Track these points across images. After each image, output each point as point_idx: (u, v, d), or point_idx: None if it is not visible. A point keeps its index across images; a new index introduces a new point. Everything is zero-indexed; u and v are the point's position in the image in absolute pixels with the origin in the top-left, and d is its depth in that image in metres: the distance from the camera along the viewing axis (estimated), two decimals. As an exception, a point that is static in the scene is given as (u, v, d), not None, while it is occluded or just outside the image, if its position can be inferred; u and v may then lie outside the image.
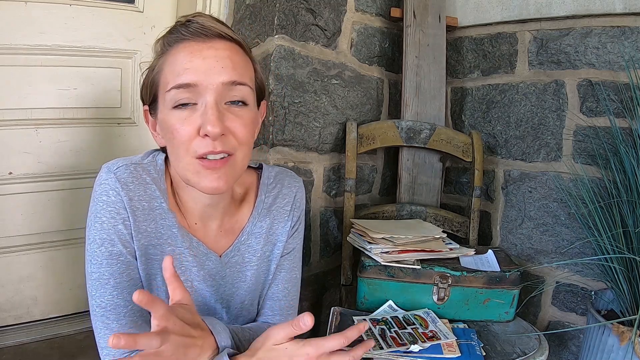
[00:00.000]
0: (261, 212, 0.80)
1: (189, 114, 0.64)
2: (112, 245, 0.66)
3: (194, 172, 0.65)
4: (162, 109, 0.67)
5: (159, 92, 0.67)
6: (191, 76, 0.63)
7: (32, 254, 1.28)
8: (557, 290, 1.47)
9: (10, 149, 1.22)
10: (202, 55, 0.64)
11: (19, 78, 1.21)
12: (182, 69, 0.63)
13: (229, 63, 0.65)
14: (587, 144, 1.39)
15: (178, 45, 0.65)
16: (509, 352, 1.06)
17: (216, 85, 0.63)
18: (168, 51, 0.66)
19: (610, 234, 1.20)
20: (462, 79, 1.69)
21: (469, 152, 1.52)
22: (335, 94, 1.46)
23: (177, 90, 0.63)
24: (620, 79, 1.33)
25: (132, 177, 0.68)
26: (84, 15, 1.28)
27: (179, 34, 0.66)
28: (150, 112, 0.71)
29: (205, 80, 0.63)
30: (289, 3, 1.30)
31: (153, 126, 0.72)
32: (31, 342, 1.25)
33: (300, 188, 0.86)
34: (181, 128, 0.63)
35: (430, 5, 1.59)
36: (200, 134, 0.63)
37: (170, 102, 0.64)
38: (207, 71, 0.63)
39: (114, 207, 0.67)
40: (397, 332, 1.04)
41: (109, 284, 0.66)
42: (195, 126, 0.63)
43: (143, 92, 0.71)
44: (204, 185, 0.65)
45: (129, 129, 1.41)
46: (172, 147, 0.66)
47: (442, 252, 1.24)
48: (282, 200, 0.82)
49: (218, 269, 0.75)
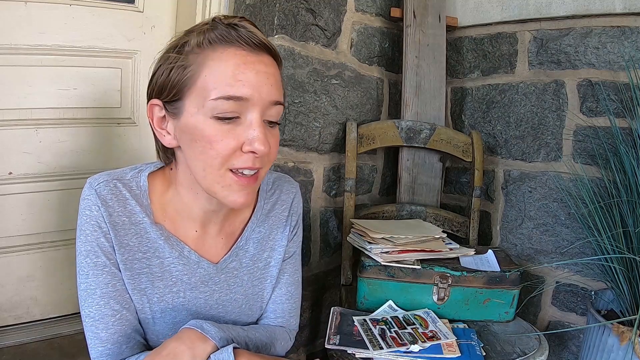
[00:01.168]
0: (260, 217, 0.80)
1: (232, 128, 0.61)
2: (97, 256, 0.66)
3: (225, 185, 0.63)
4: (193, 113, 0.62)
5: (192, 93, 0.62)
6: (244, 90, 0.60)
7: (32, 254, 1.28)
8: (557, 290, 1.47)
9: (10, 149, 1.22)
10: (255, 68, 0.61)
11: (19, 78, 1.21)
12: (233, 79, 0.60)
13: (275, 81, 0.64)
14: (587, 144, 1.39)
15: (226, 49, 0.61)
16: (509, 352, 1.06)
17: (264, 102, 0.62)
18: (209, 52, 0.61)
19: (610, 234, 1.20)
20: (462, 79, 1.69)
21: (469, 152, 1.52)
22: (335, 94, 1.46)
23: (226, 100, 0.60)
24: (620, 79, 1.33)
25: (111, 194, 0.68)
26: (84, 15, 1.27)
27: (226, 35, 0.61)
28: (166, 108, 0.65)
29: (256, 95, 0.61)
30: (289, 3, 1.30)
31: (159, 123, 0.67)
32: (31, 342, 1.25)
33: (297, 193, 0.86)
34: (223, 141, 0.61)
35: (430, 5, 1.59)
36: (243, 149, 0.62)
37: (211, 111, 0.60)
38: (259, 87, 0.61)
39: (96, 222, 0.66)
40: (397, 332, 1.04)
41: (95, 294, 0.66)
42: (238, 141, 0.61)
43: (162, 87, 0.64)
44: (232, 199, 0.64)
45: (129, 129, 1.41)
46: (201, 156, 0.62)
47: (442, 252, 1.24)
48: (280, 206, 0.82)
49: (211, 275, 0.75)
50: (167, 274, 0.71)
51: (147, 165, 0.75)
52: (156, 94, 0.66)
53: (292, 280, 0.86)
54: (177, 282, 0.72)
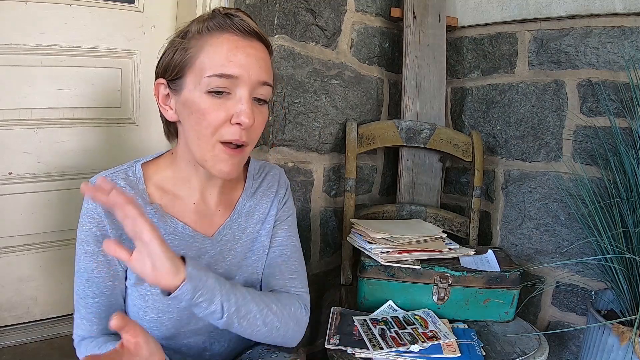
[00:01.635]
0: (249, 194, 0.88)
1: (223, 102, 0.70)
2: (87, 244, 0.74)
3: (214, 154, 0.71)
4: (191, 89, 0.70)
5: (191, 72, 0.70)
6: (235, 69, 0.69)
7: (32, 254, 1.28)
8: (557, 290, 1.47)
9: (10, 149, 1.22)
10: (245, 52, 0.70)
11: (19, 78, 1.21)
12: (226, 60, 0.69)
13: (264, 64, 0.72)
14: (587, 144, 1.39)
15: (221, 34, 0.70)
16: (509, 352, 1.06)
17: (252, 81, 0.70)
18: (207, 37, 0.70)
19: (610, 234, 1.20)
20: (462, 79, 1.69)
21: (469, 152, 1.52)
22: (335, 94, 1.46)
23: (218, 78, 0.68)
24: (620, 79, 1.33)
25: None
26: (84, 15, 1.27)
27: (222, 23, 0.71)
28: (170, 86, 0.74)
29: (245, 75, 0.69)
30: (289, 3, 1.30)
31: (164, 100, 0.76)
32: (31, 342, 1.25)
33: (282, 174, 0.95)
34: (214, 113, 0.69)
35: (430, 5, 1.59)
36: (231, 121, 0.70)
37: (205, 86, 0.69)
38: (248, 67, 0.70)
39: (90, 213, 0.74)
40: (397, 332, 1.04)
41: (82, 276, 0.75)
42: (228, 114, 0.69)
43: (167, 67, 0.73)
44: (219, 168, 0.72)
45: (129, 129, 1.41)
46: (197, 127, 0.70)
47: (442, 252, 1.24)
48: (266, 184, 0.90)
49: (207, 248, 0.80)
50: None
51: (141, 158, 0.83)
52: (161, 73, 0.75)
53: (286, 243, 0.89)
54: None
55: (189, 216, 0.80)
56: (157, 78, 0.76)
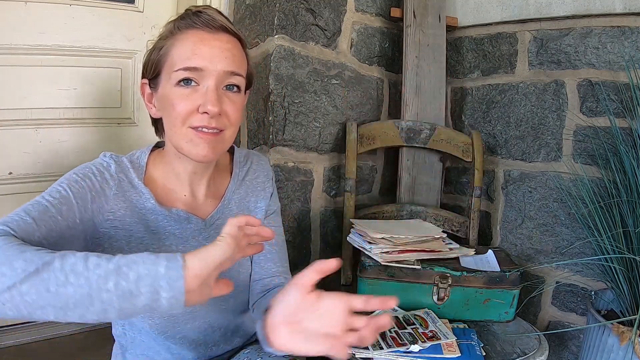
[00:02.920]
0: (237, 182, 0.90)
1: (190, 92, 0.72)
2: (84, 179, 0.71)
3: (188, 140, 0.73)
4: (164, 85, 0.74)
5: (164, 69, 0.75)
6: (198, 61, 0.71)
7: (32, 254, 1.28)
8: (557, 290, 1.47)
9: (10, 149, 1.22)
10: (209, 44, 0.73)
11: (19, 78, 1.21)
12: (191, 53, 0.72)
13: (230, 55, 0.74)
14: (587, 144, 1.39)
15: (188, 31, 0.74)
16: (509, 352, 1.06)
17: (218, 72, 0.72)
18: (177, 34, 0.74)
19: (610, 234, 1.20)
20: (462, 79, 1.69)
21: (469, 152, 1.52)
22: (335, 94, 1.46)
23: (184, 71, 0.71)
24: (620, 79, 1.33)
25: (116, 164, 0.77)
26: (84, 15, 1.27)
27: (190, 21, 0.74)
28: (150, 85, 0.79)
29: (210, 66, 0.72)
30: (289, 3, 1.30)
31: (149, 98, 0.80)
32: (31, 342, 1.25)
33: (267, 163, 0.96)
34: (182, 103, 0.72)
35: (430, 5, 1.59)
36: (199, 110, 0.72)
37: (174, 80, 0.72)
38: (212, 59, 0.72)
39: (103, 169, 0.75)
40: (397, 332, 1.04)
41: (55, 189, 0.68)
42: (195, 104, 0.72)
43: (146, 67, 0.78)
44: (195, 152, 0.73)
45: (129, 129, 1.41)
46: (169, 118, 0.74)
47: (442, 252, 1.24)
48: (252, 174, 0.92)
49: (201, 230, 0.83)
50: (160, 228, 0.79)
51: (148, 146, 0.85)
52: (144, 73, 0.80)
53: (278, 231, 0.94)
54: (169, 236, 0.79)
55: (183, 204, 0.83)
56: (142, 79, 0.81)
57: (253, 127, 1.40)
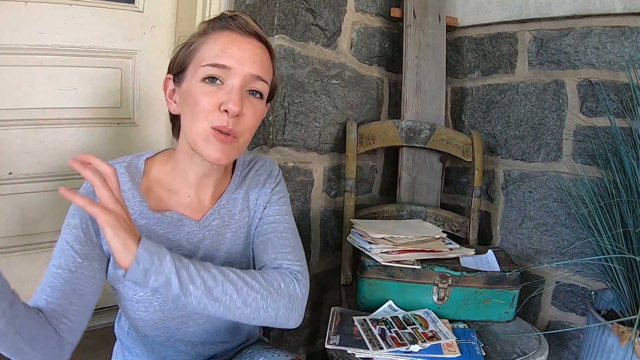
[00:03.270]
0: (236, 182, 0.89)
1: (215, 90, 0.73)
2: (73, 218, 0.75)
3: (205, 138, 0.73)
4: (189, 79, 0.75)
5: (191, 64, 0.76)
6: (228, 60, 0.73)
7: (32, 254, 1.28)
8: (557, 290, 1.47)
9: (10, 149, 1.22)
10: (240, 46, 0.74)
11: (19, 78, 1.21)
12: (221, 51, 0.73)
13: (259, 59, 0.76)
14: (587, 144, 1.39)
15: (222, 31, 0.76)
16: (509, 352, 1.06)
17: (245, 73, 0.74)
18: (210, 34, 0.76)
19: (610, 234, 1.20)
20: (462, 79, 1.69)
21: (469, 152, 1.52)
22: (335, 94, 1.46)
23: (212, 67, 0.73)
24: (620, 79, 1.33)
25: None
26: (84, 15, 1.27)
27: (224, 23, 0.76)
28: (175, 80, 0.80)
29: (238, 67, 0.73)
30: (289, 3, 1.30)
31: (170, 94, 0.81)
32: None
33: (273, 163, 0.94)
34: (205, 99, 0.72)
35: (430, 5, 1.59)
36: (220, 109, 0.72)
37: (201, 75, 0.73)
38: (241, 60, 0.73)
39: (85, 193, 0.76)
40: (397, 332, 1.04)
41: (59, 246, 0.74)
42: (218, 101, 0.72)
43: (173, 63, 0.80)
44: (208, 152, 0.73)
45: (129, 129, 1.41)
46: (191, 113, 0.74)
47: (442, 252, 1.24)
48: (254, 173, 0.91)
49: (195, 232, 0.82)
50: (152, 233, 0.78)
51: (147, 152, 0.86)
52: (170, 69, 0.81)
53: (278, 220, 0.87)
54: (162, 240, 0.79)
55: (181, 208, 0.82)
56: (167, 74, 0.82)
57: (253, 127, 1.40)
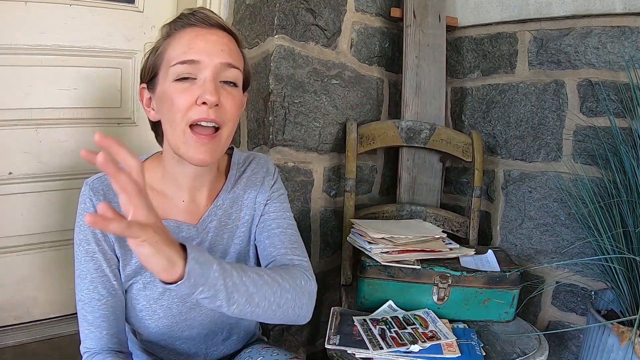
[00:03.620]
0: (232, 182, 0.88)
1: (188, 86, 0.72)
2: (88, 244, 0.74)
3: (184, 141, 0.72)
4: (162, 83, 0.74)
5: (161, 68, 0.75)
6: (195, 54, 0.72)
7: (32, 254, 1.28)
8: (557, 290, 1.47)
9: (10, 149, 1.22)
10: (205, 38, 0.74)
11: (19, 78, 1.21)
12: (187, 47, 0.72)
13: (226, 48, 0.75)
14: (587, 144, 1.39)
15: (185, 29, 0.75)
16: (509, 352, 1.06)
17: (215, 64, 0.73)
18: (174, 34, 0.75)
19: (610, 234, 1.20)
20: (462, 79, 1.69)
21: (469, 152, 1.52)
22: (335, 94, 1.46)
23: (181, 65, 0.72)
24: (620, 79, 1.33)
25: (102, 185, 0.77)
26: (84, 15, 1.27)
27: (185, 21, 0.75)
28: (149, 88, 0.79)
29: (207, 59, 0.72)
30: (289, 3, 1.30)
31: (147, 103, 0.80)
32: (31, 342, 1.25)
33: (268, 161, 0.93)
34: (180, 97, 0.71)
35: (430, 5, 1.59)
36: (197, 102, 0.71)
37: (172, 75, 0.72)
38: (209, 52, 0.73)
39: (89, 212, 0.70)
40: (397, 332, 1.04)
41: (86, 278, 0.74)
42: (194, 96, 0.71)
43: (144, 71, 0.79)
44: (191, 155, 0.72)
45: (129, 129, 1.41)
46: (169, 115, 0.73)
47: (442, 252, 1.24)
48: (251, 171, 0.90)
49: (193, 236, 0.81)
50: None
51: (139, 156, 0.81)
52: (142, 78, 0.80)
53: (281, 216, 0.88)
54: None
55: (178, 214, 0.81)
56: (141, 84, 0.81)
57: (253, 127, 1.40)
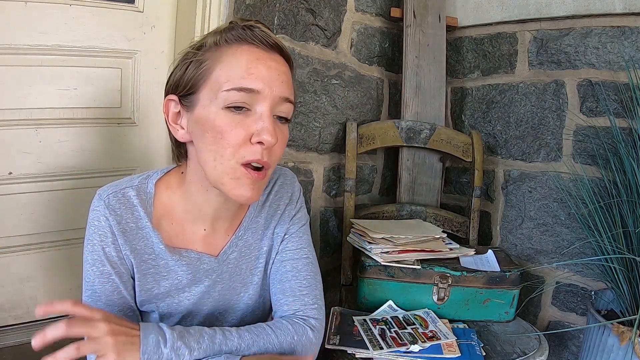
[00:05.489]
0: (257, 209, 0.81)
1: (242, 119, 0.64)
2: (103, 265, 0.69)
3: (234, 177, 0.64)
4: (206, 106, 0.64)
5: (205, 87, 0.65)
6: (255, 83, 0.63)
7: (32, 254, 1.28)
8: (557, 290, 1.47)
9: (10, 149, 1.22)
10: (266, 64, 0.65)
11: (19, 78, 1.21)
12: (246, 72, 0.63)
13: (286, 79, 0.67)
14: (587, 144, 1.39)
15: (240, 46, 0.65)
16: (509, 352, 1.06)
17: (274, 97, 0.65)
18: (225, 48, 0.65)
19: (610, 234, 1.20)
20: (462, 79, 1.69)
21: (469, 152, 1.52)
22: (335, 94, 1.46)
23: (237, 92, 0.63)
24: (620, 79, 1.33)
25: (119, 203, 0.71)
26: (84, 15, 1.27)
27: (241, 35, 0.65)
28: (182, 103, 0.68)
29: (267, 90, 0.64)
30: (289, 3, 1.30)
31: (174, 118, 0.70)
32: (31, 342, 1.25)
33: (295, 185, 0.86)
34: (233, 131, 0.63)
35: (430, 5, 1.59)
36: (252, 140, 0.63)
37: (223, 102, 0.63)
38: (271, 82, 0.64)
39: (103, 232, 0.69)
40: (397, 332, 1.04)
41: (100, 300, 0.69)
42: (248, 132, 0.63)
43: (178, 83, 0.67)
44: (239, 192, 0.65)
45: (129, 129, 1.41)
46: (214, 147, 0.64)
47: (442, 252, 1.24)
48: (274, 196, 0.83)
49: (214, 268, 0.76)
50: (172, 273, 0.74)
51: (154, 171, 0.77)
52: (172, 89, 0.69)
53: (297, 256, 0.82)
54: (182, 280, 0.74)
55: (198, 244, 0.76)
56: (167, 95, 0.70)
57: (253, 127, 1.40)
